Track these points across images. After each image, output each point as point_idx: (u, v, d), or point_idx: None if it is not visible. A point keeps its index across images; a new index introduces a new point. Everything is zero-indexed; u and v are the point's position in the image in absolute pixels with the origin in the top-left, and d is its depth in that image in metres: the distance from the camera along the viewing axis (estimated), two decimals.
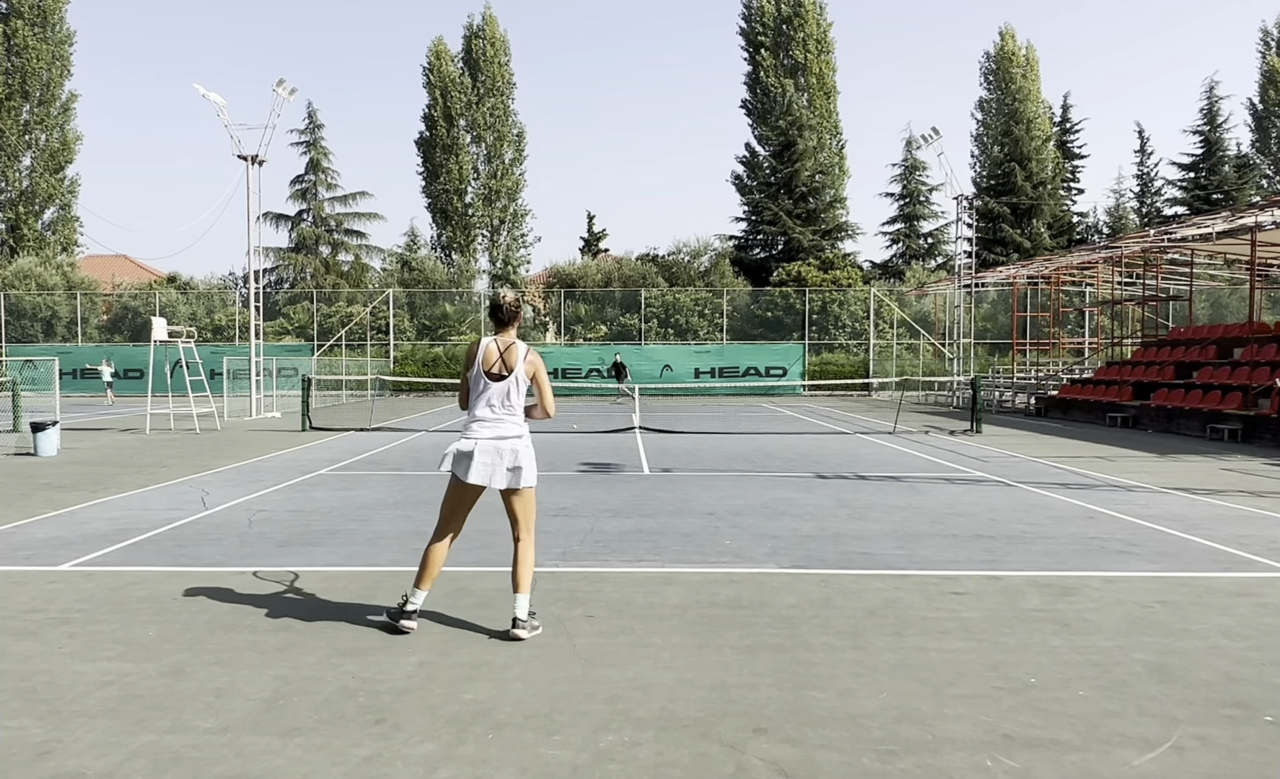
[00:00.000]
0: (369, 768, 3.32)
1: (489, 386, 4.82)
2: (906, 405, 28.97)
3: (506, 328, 4.93)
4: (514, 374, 4.83)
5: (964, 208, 30.81)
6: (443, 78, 47.41)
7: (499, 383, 4.83)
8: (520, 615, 4.82)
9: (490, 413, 4.82)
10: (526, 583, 4.87)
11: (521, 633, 4.80)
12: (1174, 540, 7.51)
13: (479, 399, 4.84)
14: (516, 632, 4.80)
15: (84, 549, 7.05)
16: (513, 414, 4.86)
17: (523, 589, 4.85)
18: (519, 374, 4.85)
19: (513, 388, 4.84)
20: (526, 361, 4.88)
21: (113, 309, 44.46)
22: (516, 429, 4.85)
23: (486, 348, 4.86)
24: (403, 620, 4.85)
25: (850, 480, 11.18)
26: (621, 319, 43.07)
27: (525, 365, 4.87)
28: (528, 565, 4.88)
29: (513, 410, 4.86)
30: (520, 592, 4.85)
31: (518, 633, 4.79)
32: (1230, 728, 3.69)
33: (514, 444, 4.82)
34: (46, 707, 3.90)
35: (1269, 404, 16.82)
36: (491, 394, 4.82)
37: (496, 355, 4.85)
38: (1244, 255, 22.71)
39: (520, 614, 4.82)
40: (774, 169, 47.71)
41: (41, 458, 13.49)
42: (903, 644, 4.76)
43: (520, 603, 4.84)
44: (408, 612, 4.87)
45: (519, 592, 4.85)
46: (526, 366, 4.87)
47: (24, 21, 44.68)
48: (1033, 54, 50.49)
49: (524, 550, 4.90)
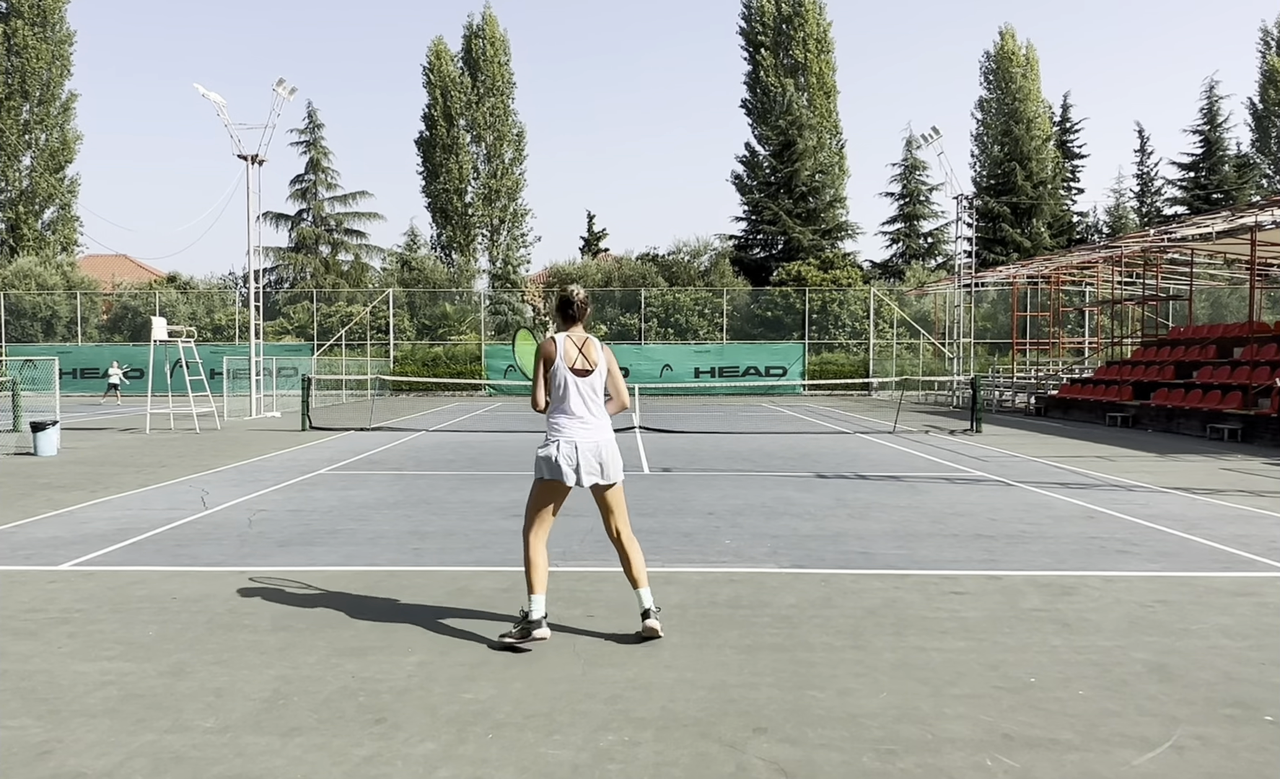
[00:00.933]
0: (369, 768, 3.32)
1: (576, 383, 4.73)
2: (906, 405, 28.97)
3: (576, 324, 4.85)
4: (599, 369, 4.78)
5: (964, 207, 30.81)
6: (443, 77, 47.41)
7: (585, 378, 4.75)
8: (650, 605, 4.77)
9: (585, 410, 4.74)
10: (645, 574, 4.83)
11: (655, 624, 4.73)
12: (1174, 540, 7.51)
13: (568, 397, 4.73)
14: (651, 623, 4.73)
15: (84, 549, 7.05)
16: (600, 409, 4.80)
17: (643, 583, 4.80)
18: (602, 368, 4.79)
19: (598, 382, 4.78)
20: (604, 355, 4.84)
21: (113, 309, 44.46)
22: (607, 424, 4.81)
23: (565, 344, 4.75)
24: (535, 632, 4.62)
25: (850, 480, 11.18)
26: (621, 319, 43.07)
27: (604, 359, 4.82)
28: (640, 557, 4.84)
29: (599, 405, 4.80)
30: (642, 586, 4.79)
31: (652, 625, 4.73)
32: (1230, 728, 3.69)
33: (609, 439, 4.77)
34: (46, 707, 3.90)
35: (1269, 404, 16.81)
36: (581, 390, 4.74)
37: (576, 351, 4.75)
38: (1244, 255, 22.71)
39: (650, 605, 4.77)
40: (774, 169, 47.70)
41: (41, 458, 13.49)
42: (903, 644, 4.76)
43: (645, 596, 4.78)
44: (534, 621, 4.63)
45: (641, 586, 4.79)
46: (606, 359, 4.83)
47: (24, 21, 44.69)
48: (1033, 54, 50.51)
49: (631, 545, 4.83)
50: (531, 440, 16.31)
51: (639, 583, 4.80)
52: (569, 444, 4.67)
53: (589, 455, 4.68)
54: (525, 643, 4.63)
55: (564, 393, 4.73)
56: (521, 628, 4.65)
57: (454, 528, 7.99)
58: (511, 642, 4.65)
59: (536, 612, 4.64)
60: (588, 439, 4.70)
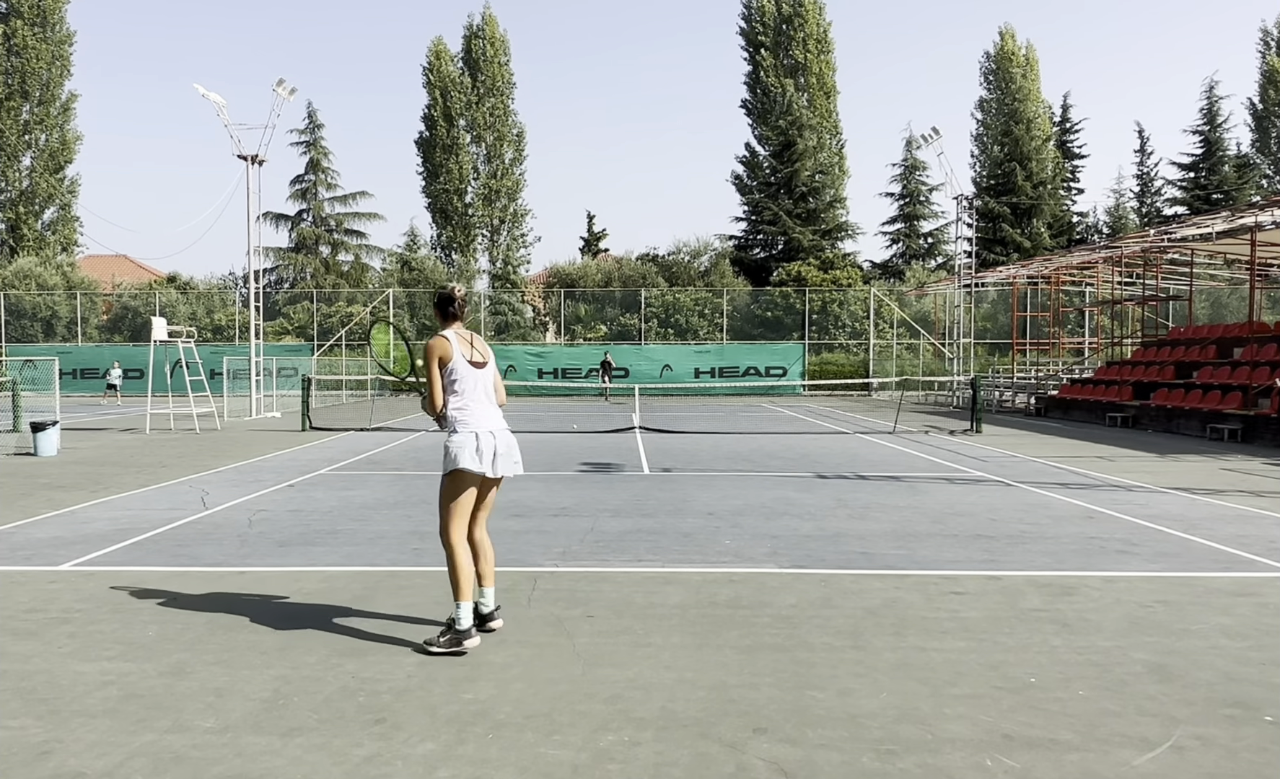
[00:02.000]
0: (369, 768, 3.32)
1: (476, 376, 4.75)
2: (906, 405, 28.97)
3: (458, 320, 4.88)
4: (490, 362, 4.87)
5: (964, 208, 30.81)
6: (443, 78, 47.42)
7: (482, 370, 4.79)
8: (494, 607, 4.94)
9: (489, 401, 4.79)
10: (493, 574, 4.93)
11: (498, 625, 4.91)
12: (1174, 540, 7.51)
13: (476, 388, 4.74)
14: (494, 625, 4.90)
15: (84, 549, 7.05)
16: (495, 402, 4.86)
17: (490, 582, 4.89)
18: (492, 362, 4.89)
19: (490, 375, 4.84)
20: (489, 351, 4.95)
21: (113, 309, 44.45)
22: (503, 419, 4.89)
23: (457, 340, 4.78)
24: (467, 642, 4.59)
25: (850, 480, 11.18)
26: (621, 319, 43.07)
27: (490, 354, 4.93)
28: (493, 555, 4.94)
29: (494, 398, 4.85)
30: (488, 585, 4.88)
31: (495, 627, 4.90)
32: (1230, 728, 3.69)
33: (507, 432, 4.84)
34: (46, 707, 3.90)
35: (1269, 404, 16.81)
36: (481, 383, 4.77)
37: (469, 345, 4.81)
38: (1244, 255, 22.71)
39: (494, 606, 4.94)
40: (774, 169, 47.71)
41: (41, 458, 13.49)
42: (903, 644, 4.76)
43: (490, 596, 4.91)
44: (464, 631, 4.59)
45: (487, 585, 4.88)
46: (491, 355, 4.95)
47: (24, 21, 44.69)
48: (1033, 54, 50.52)
49: (487, 542, 4.90)
50: (529, 439, 16.31)
51: (485, 581, 4.85)
52: (487, 433, 4.68)
53: (506, 445, 4.75)
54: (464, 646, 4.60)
55: (470, 385, 4.75)
56: (450, 637, 4.58)
57: None
58: (439, 650, 4.56)
59: (465, 621, 4.59)
60: (501, 428, 4.76)
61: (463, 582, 4.60)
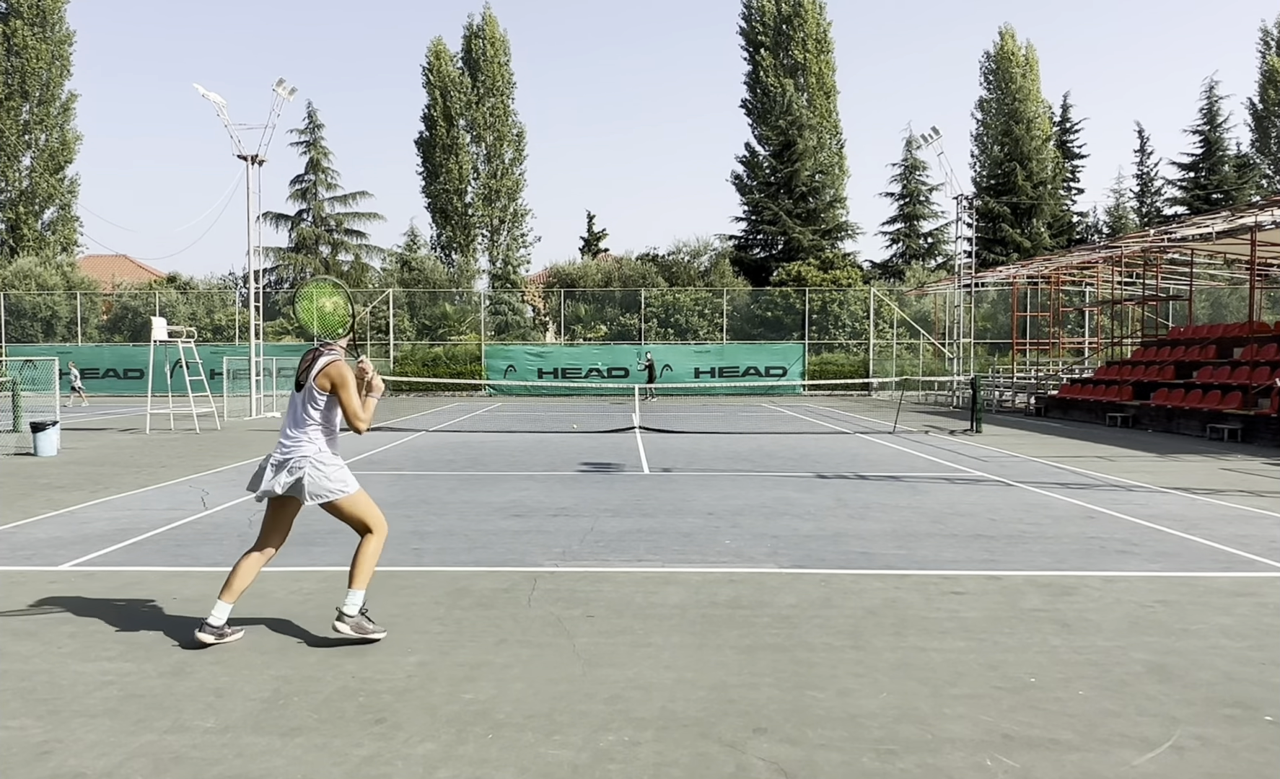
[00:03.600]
0: (369, 768, 3.32)
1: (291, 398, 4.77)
2: (906, 405, 28.97)
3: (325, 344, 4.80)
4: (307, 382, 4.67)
5: (964, 208, 30.81)
6: (442, 78, 47.41)
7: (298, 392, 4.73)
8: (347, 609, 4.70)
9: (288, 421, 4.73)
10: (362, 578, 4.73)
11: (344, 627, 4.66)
12: (1174, 540, 7.51)
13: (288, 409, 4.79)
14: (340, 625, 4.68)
15: (84, 549, 7.05)
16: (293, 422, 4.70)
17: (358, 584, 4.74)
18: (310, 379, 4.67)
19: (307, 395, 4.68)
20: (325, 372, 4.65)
21: (113, 309, 44.43)
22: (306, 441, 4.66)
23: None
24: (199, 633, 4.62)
25: (850, 480, 11.17)
26: (621, 319, 43.06)
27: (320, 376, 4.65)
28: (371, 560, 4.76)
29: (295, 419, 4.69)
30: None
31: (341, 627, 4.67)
32: (1230, 728, 3.69)
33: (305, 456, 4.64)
34: (46, 707, 3.90)
35: (1269, 404, 16.81)
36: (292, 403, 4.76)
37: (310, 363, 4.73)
38: (1244, 255, 22.71)
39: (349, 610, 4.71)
40: (774, 169, 47.70)
41: (41, 458, 13.49)
42: (903, 644, 4.76)
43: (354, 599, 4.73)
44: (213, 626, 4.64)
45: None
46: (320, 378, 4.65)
47: (24, 21, 44.67)
48: (1033, 54, 50.51)
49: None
50: (531, 441, 16.32)
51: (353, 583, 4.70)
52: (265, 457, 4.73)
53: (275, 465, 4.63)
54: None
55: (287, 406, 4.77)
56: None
57: (453, 528, 7.99)
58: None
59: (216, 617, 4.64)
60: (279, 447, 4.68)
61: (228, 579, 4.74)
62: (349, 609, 4.67)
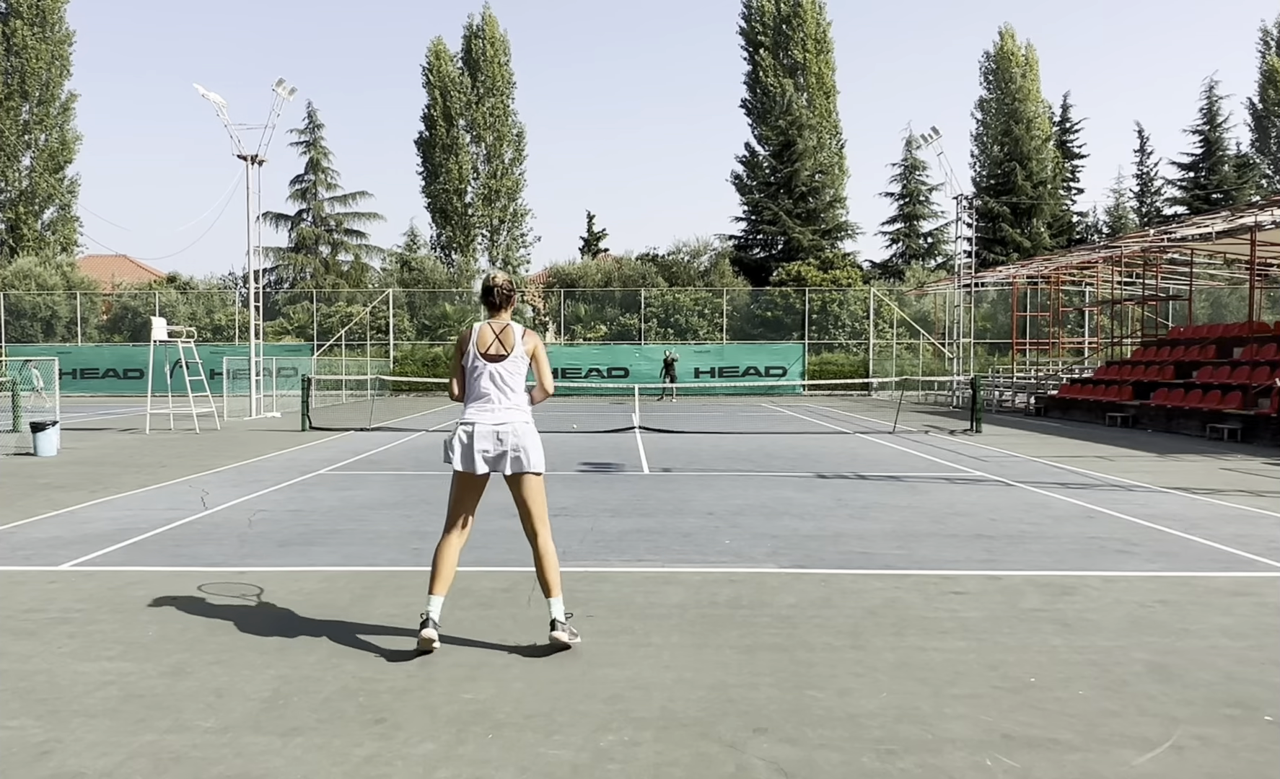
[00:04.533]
0: (369, 768, 3.32)
1: (484, 368, 4.64)
2: (906, 405, 28.97)
3: (499, 311, 4.77)
4: (513, 354, 4.67)
5: (964, 207, 30.81)
6: (442, 78, 47.39)
7: (498, 363, 4.64)
8: (558, 616, 4.57)
9: (495, 395, 4.62)
10: (557, 584, 4.60)
11: (562, 635, 4.52)
12: (1174, 540, 7.51)
13: (477, 382, 4.64)
14: (557, 635, 4.52)
15: (84, 549, 7.04)
16: (513, 396, 4.67)
17: (554, 592, 4.59)
18: (519, 353, 4.69)
19: (512, 367, 4.66)
20: (524, 341, 4.70)
21: (112, 309, 44.42)
22: (519, 412, 4.66)
23: (480, 331, 4.71)
24: (424, 631, 4.46)
25: (850, 480, 11.17)
26: (621, 319, 43.05)
27: (524, 344, 4.69)
28: (552, 563, 4.62)
29: (513, 392, 4.67)
30: (553, 595, 4.59)
31: (558, 636, 4.52)
32: (1230, 728, 3.69)
33: (520, 422, 4.61)
34: (46, 707, 3.90)
35: (1269, 404, 16.81)
36: (490, 376, 4.64)
37: (492, 337, 4.68)
38: (1244, 255, 22.71)
39: (558, 615, 4.57)
40: (774, 169, 47.70)
41: (41, 458, 13.49)
42: (903, 644, 4.76)
43: (555, 606, 4.58)
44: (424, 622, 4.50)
45: (552, 595, 4.59)
46: (525, 345, 4.69)
47: (23, 21, 44.65)
48: (1032, 54, 50.48)
49: (543, 547, 4.62)
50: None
51: (551, 592, 4.59)
52: (470, 428, 4.58)
53: (488, 441, 4.56)
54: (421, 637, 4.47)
55: (473, 378, 4.67)
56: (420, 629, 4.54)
57: None
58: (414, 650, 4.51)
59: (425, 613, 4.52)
60: (500, 424, 4.57)
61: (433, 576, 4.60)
62: (560, 615, 4.58)
